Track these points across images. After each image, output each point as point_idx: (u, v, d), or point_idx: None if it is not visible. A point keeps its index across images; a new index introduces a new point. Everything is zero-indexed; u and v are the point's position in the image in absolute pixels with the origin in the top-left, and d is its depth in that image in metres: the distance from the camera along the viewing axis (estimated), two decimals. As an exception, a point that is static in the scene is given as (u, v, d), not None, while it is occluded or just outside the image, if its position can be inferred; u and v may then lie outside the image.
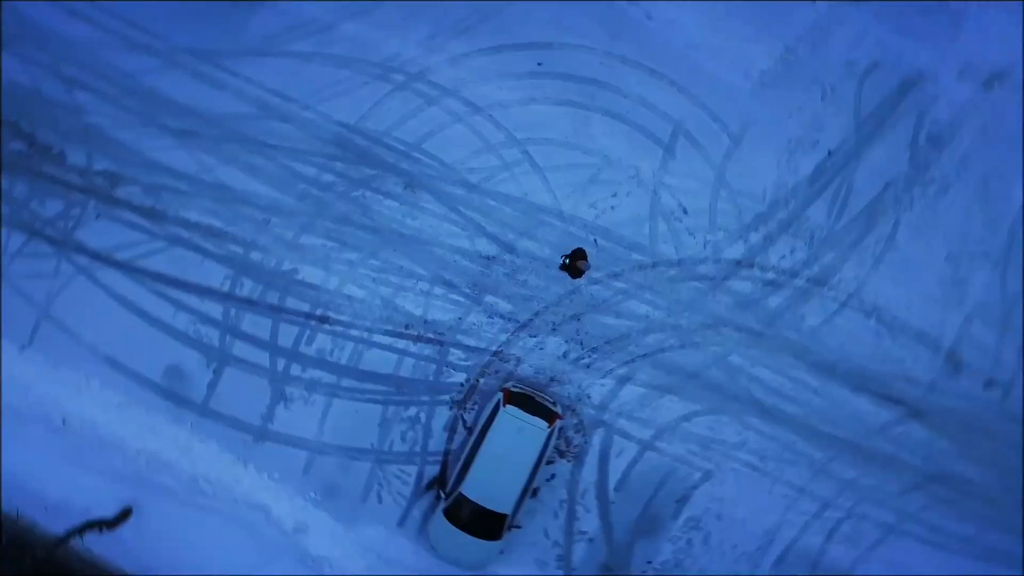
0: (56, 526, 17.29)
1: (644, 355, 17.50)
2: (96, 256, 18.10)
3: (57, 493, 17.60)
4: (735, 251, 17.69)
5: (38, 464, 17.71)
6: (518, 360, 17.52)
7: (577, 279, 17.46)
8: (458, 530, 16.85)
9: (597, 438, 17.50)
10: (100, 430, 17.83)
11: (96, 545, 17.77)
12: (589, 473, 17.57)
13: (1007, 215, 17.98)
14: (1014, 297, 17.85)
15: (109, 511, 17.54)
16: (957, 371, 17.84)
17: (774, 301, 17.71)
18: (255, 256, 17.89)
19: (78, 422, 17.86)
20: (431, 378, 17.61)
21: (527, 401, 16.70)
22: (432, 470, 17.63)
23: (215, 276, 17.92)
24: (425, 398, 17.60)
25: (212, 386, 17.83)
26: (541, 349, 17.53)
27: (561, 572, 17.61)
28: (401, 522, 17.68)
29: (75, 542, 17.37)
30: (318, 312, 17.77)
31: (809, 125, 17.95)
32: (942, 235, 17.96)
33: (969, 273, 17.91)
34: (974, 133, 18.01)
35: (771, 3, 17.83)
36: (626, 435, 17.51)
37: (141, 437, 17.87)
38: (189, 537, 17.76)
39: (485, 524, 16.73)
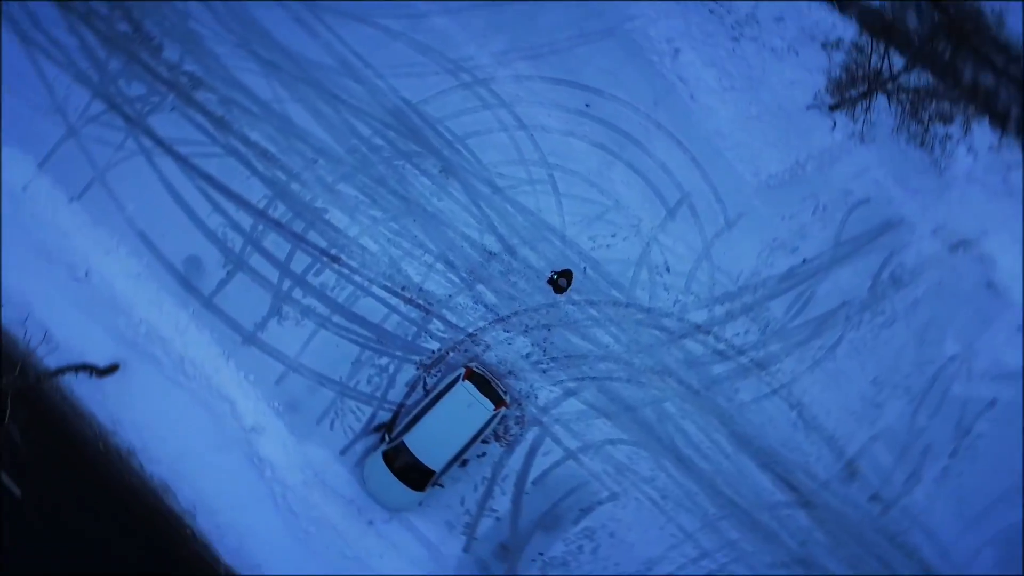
0: (51, 361, 19.40)
1: (594, 378, 19.79)
2: (160, 143, 20.33)
3: (61, 333, 19.59)
4: (698, 316, 19.99)
5: (53, 303, 19.77)
6: (487, 346, 19.78)
7: (559, 295, 19.78)
8: (390, 473, 18.87)
9: (531, 434, 19.71)
10: (115, 291, 19.92)
11: (79, 387, 19.89)
12: (515, 462, 19.74)
13: (935, 361, 20.29)
14: (918, 432, 20.21)
15: (101, 362, 19.67)
16: (851, 479, 20.17)
17: (718, 369, 20.01)
18: (295, 187, 20.14)
19: (99, 278, 19.98)
20: (409, 338, 19.83)
21: (483, 383, 18.88)
22: (384, 416, 19.79)
23: (256, 192, 20.15)
24: (398, 353, 19.82)
25: (222, 284, 20.00)
26: (509, 344, 19.80)
27: (464, 538, 19.86)
28: (343, 451, 19.81)
29: (64, 378, 19.55)
30: (332, 251, 20.01)
31: (795, 232, 20.27)
32: (875, 361, 20.23)
33: (887, 400, 20.20)
34: (930, 284, 20.31)
35: (796, 119, 20.21)
36: (557, 440, 19.75)
37: (147, 308, 19.95)
38: (160, 406, 19.81)
39: (414, 475, 18.83)
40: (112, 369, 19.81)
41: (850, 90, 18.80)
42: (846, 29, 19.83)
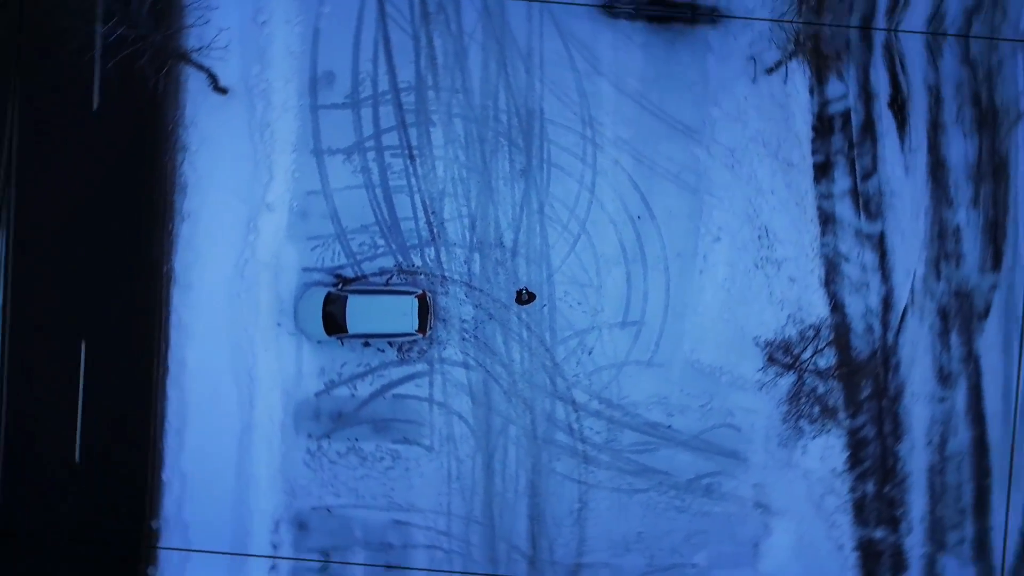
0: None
1: (487, 371, 24.88)
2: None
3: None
4: (580, 396, 25.09)
5: (230, 23, 24.57)
6: (446, 292, 24.82)
7: (517, 304, 24.90)
8: (320, 308, 23.88)
9: (420, 366, 24.78)
10: (269, 50, 24.85)
11: (194, 81, 24.73)
12: (394, 373, 24.74)
13: (683, 557, 25.12)
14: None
15: (221, 81, 24.46)
16: None
17: (560, 436, 25.13)
18: (431, 94, 25.06)
19: (267, 32, 24.84)
20: (408, 244, 24.83)
21: (424, 309, 23.89)
22: (349, 273, 24.78)
23: (405, 75, 24.88)
24: (393, 246, 24.82)
25: (333, 106, 24.89)
26: (460, 304, 24.85)
27: (323, 387, 24.81)
28: (306, 269, 24.81)
29: (194, 70, 24.37)
30: (415, 152, 25.01)
31: (681, 405, 25.22)
32: (652, 523, 25.16)
33: (636, 551, 25.16)
34: (723, 512, 25.29)
35: (744, 345, 25.41)
36: (431, 384, 24.81)
37: (277, 77, 24.84)
38: (228, 138, 24.78)
39: (333, 322, 23.81)
40: (223, 91, 24.65)
41: (780, 356, 24.21)
42: (820, 318, 25.20)
